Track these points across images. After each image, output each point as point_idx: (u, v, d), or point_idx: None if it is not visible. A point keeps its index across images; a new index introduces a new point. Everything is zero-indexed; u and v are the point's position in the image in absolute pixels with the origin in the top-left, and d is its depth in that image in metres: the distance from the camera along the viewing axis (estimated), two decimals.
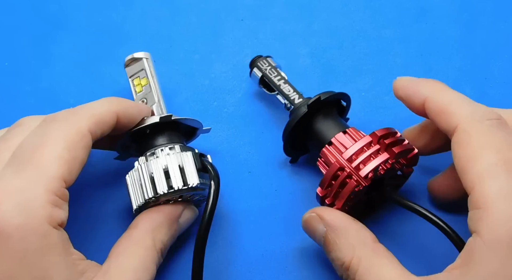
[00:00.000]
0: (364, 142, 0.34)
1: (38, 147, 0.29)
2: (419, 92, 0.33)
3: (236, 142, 0.42)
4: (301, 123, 0.37)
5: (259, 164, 0.41)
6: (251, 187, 0.40)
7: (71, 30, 0.48)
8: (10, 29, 0.48)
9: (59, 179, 0.29)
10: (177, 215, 0.35)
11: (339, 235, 0.32)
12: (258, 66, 0.42)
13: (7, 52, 0.47)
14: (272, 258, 0.38)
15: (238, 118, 0.43)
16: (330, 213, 0.33)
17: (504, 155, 0.28)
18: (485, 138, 0.29)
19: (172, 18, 0.49)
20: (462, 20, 0.48)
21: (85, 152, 0.31)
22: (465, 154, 0.29)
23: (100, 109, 0.33)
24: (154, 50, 0.46)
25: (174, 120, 0.36)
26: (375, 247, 0.31)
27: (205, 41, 0.47)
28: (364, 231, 0.32)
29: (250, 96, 0.45)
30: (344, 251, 0.31)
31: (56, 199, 0.29)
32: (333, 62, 0.46)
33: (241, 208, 0.39)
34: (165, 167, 0.34)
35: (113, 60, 0.46)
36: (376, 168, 0.33)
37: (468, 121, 0.30)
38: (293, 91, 0.39)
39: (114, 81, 0.45)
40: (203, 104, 0.44)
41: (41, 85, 0.45)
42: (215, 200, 0.33)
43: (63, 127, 0.31)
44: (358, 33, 0.47)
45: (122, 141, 0.37)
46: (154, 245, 0.33)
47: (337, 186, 0.34)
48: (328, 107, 0.38)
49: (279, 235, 0.38)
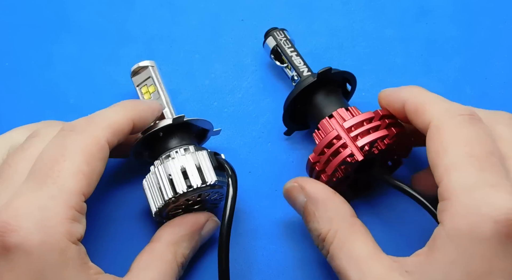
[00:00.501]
0: (365, 116, 0.35)
1: (58, 160, 0.30)
2: (399, 97, 0.34)
3: (236, 142, 0.42)
4: (305, 95, 0.38)
5: (259, 164, 0.41)
6: (251, 187, 0.40)
7: (71, 30, 0.48)
8: (10, 29, 0.48)
9: (79, 193, 0.29)
10: (199, 227, 0.35)
11: (318, 207, 0.33)
12: (274, 35, 0.42)
13: (8, 52, 0.47)
14: (272, 258, 0.38)
15: (239, 118, 0.44)
16: (312, 184, 0.34)
17: (472, 148, 0.29)
18: (455, 132, 0.30)
19: (172, 18, 0.49)
20: (462, 20, 0.48)
21: (103, 163, 0.31)
22: (435, 148, 0.30)
23: (116, 117, 0.33)
24: (154, 50, 0.47)
25: (186, 121, 0.36)
26: (353, 221, 0.32)
27: (205, 41, 0.47)
28: (344, 205, 0.33)
29: (251, 96, 0.45)
30: (322, 223, 0.32)
31: (75, 214, 0.29)
32: (333, 62, 0.46)
33: (241, 208, 0.39)
34: (183, 167, 0.34)
35: (113, 60, 0.46)
36: (374, 141, 0.33)
37: (440, 117, 0.31)
38: (303, 64, 0.40)
39: (114, 82, 0.45)
40: (204, 104, 0.44)
41: (41, 85, 0.45)
42: (235, 196, 0.33)
43: (81, 138, 0.31)
44: (358, 33, 0.47)
45: (135, 147, 0.37)
46: (175, 259, 0.33)
47: (330, 154, 0.34)
48: (334, 85, 0.38)
49: (279, 235, 0.38)
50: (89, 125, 0.32)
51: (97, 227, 0.38)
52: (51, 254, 0.27)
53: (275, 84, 0.45)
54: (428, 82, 0.45)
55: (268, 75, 0.45)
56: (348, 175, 0.36)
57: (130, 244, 0.37)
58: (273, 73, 0.46)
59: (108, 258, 0.36)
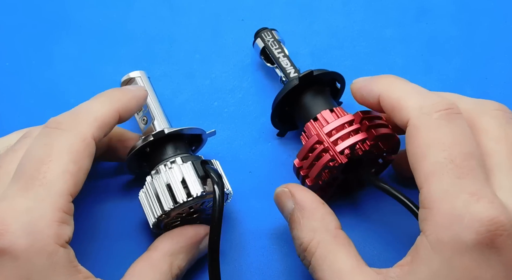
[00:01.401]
0: (345, 120, 0.34)
1: (44, 161, 0.29)
2: (373, 91, 0.33)
3: (236, 142, 0.42)
4: (291, 97, 0.38)
5: (260, 164, 0.41)
6: (251, 187, 0.40)
7: (71, 30, 0.48)
8: (10, 29, 0.48)
9: (66, 194, 0.29)
10: (199, 240, 0.35)
11: (304, 215, 0.32)
12: (261, 36, 0.42)
13: (8, 52, 0.47)
14: (273, 258, 0.38)
15: (239, 118, 0.44)
16: (302, 192, 0.33)
17: (450, 152, 0.28)
18: (432, 134, 0.29)
19: (173, 18, 0.49)
20: (462, 20, 0.48)
21: (90, 160, 0.31)
22: (415, 151, 0.29)
23: (102, 111, 0.32)
24: (154, 50, 0.47)
25: (168, 133, 0.35)
26: (337, 233, 0.31)
27: (205, 41, 0.47)
28: (330, 216, 0.32)
29: (251, 96, 0.45)
30: (306, 232, 0.32)
31: (63, 216, 0.28)
32: (333, 62, 0.46)
33: (241, 208, 0.39)
34: (167, 183, 0.34)
35: (113, 60, 0.46)
36: (353, 145, 0.33)
37: (417, 116, 0.30)
38: (290, 66, 0.40)
39: (114, 82, 0.45)
40: (204, 104, 0.44)
41: (41, 85, 0.45)
42: (221, 205, 0.32)
43: (67, 136, 0.30)
44: (358, 33, 0.47)
45: (129, 164, 0.37)
46: (170, 271, 0.33)
47: (313, 158, 0.34)
48: (321, 85, 0.38)
49: (279, 235, 0.38)
50: (74, 121, 0.31)
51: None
52: (39, 258, 0.27)
53: (275, 84, 0.45)
54: (428, 82, 0.45)
55: (268, 75, 0.45)
56: (335, 176, 0.36)
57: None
58: (273, 73, 0.46)
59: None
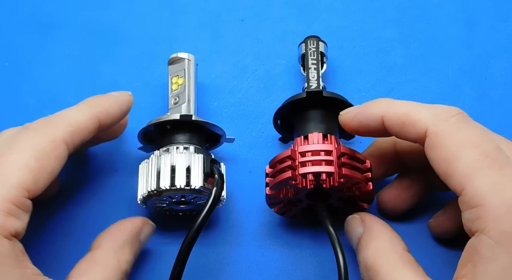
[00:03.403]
0: (325, 147, 0.34)
1: (3, 154, 0.29)
2: (373, 114, 0.33)
3: (236, 142, 0.42)
4: (297, 109, 0.38)
5: (260, 164, 0.41)
6: (251, 187, 0.40)
7: (71, 30, 0.48)
8: (10, 29, 0.48)
9: (21, 187, 0.28)
10: (138, 231, 0.34)
11: (372, 236, 0.33)
12: (306, 43, 0.42)
13: (7, 52, 0.47)
14: (273, 258, 0.38)
15: (239, 118, 0.44)
16: (372, 218, 0.34)
17: (482, 148, 0.28)
18: (458, 136, 0.29)
19: (172, 18, 0.49)
20: (462, 20, 0.48)
21: (58, 162, 0.30)
22: (444, 156, 0.29)
23: (78, 117, 0.32)
24: (154, 50, 0.47)
25: (194, 120, 0.36)
26: (404, 254, 0.31)
27: (205, 41, 0.47)
28: (398, 240, 0.32)
29: (251, 96, 0.45)
30: (372, 251, 0.32)
31: (13, 208, 0.28)
32: (333, 62, 0.46)
33: (241, 208, 0.39)
34: (173, 164, 0.34)
35: (113, 60, 0.46)
36: (318, 174, 0.33)
37: (435, 124, 0.30)
38: (315, 79, 0.40)
39: (114, 81, 0.45)
40: (204, 104, 0.44)
41: (41, 85, 0.45)
42: (211, 208, 0.33)
43: (34, 135, 0.30)
44: (358, 33, 0.47)
45: (144, 132, 0.37)
46: (119, 266, 0.32)
47: (277, 170, 0.34)
48: (331, 108, 0.37)
49: (279, 235, 0.38)
50: (45, 124, 0.31)
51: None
52: None
53: (275, 84, 0.45)
54: (428, 82, 0.45)
55: (268, 75, 0.45)
56: (299, 198, 0.35)
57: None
58: (273, 74, 0.46)
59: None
